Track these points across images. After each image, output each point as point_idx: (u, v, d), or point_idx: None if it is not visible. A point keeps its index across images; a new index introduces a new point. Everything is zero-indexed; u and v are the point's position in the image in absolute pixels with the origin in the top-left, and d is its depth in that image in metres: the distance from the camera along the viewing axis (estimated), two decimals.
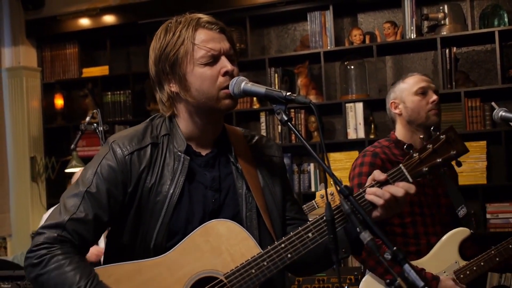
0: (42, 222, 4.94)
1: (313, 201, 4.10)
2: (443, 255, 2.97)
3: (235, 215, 1.95)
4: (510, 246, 2.96)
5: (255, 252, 1.86)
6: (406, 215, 2.99)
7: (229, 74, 1.92)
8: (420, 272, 2.83)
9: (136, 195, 1.91)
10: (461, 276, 2.94)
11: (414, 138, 3.06)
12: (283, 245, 1.85)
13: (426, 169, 1.89)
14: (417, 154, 1.90)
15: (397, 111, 3.10)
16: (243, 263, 1.86)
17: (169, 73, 1.93)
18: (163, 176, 1.92)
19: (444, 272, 2.95)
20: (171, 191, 1.91)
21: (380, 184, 1.85)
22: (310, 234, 1.86)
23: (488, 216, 5.10)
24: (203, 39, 1.92)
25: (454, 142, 1.92)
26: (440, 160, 1.90)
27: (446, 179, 3.05)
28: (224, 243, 1.88)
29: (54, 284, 1.80)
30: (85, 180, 1.91)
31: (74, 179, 4.55)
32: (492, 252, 2.96)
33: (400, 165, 1.89)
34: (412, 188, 1.83)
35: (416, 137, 3.05)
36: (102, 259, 2.02)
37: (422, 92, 3.05)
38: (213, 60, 1.91)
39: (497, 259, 2.95)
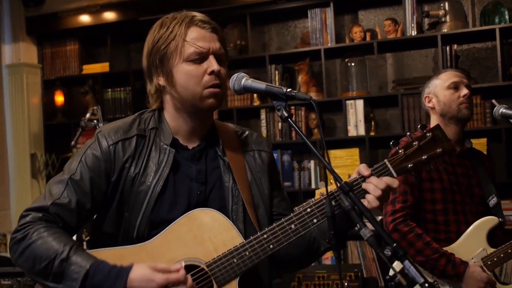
0: None
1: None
2: (472, 242, 3.06)
3: (220, 208, 1.96)
4: None
5: (237, 242, 1.89)
6: (438, 202, 3.10)
7: (215, 74, 1.94)
8: (447, 258, 2.92)
9: (119, 185, 1.94)
10: (489, 263, 3.03)
11: (446, 131, 3.10)
12: (265, 236, 1.87)
13: (411, 165, 1.92)
14: (402, 150, 1.93)
15: (430, 104, 3.25)
16: (225, 252, 1.88)
17: (158, 66, 1.97)
18: (147, 167, 1.96)
19: (472, 258, 3.03)
20: (154, 182, 1.94)
21: (364, 178, 1.87)
22: (292, 226, 1.88)
23: None
24: (194, 36, 1.94)
25: (440, 140, 1.94)
26: (425, 157, 1.92)
27: (480, 170, 3.14)
28: (207, 232, 1.90)
29: (40, 253, 1.84)
30: (70, 168, 1.96)
31: None
32: None
33: (385, 160, 1.92)
34: (395, 183, 1.85)
35: (449, 130, 3.15)
36: None
37: (455, 87, 3.18)
38: (200, 58, 1.94)
39: None
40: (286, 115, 1.79)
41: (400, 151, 1.92)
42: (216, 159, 2.04)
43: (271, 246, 1.87)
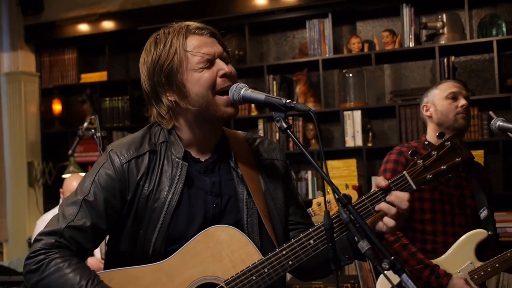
0: (36, 228, 4.88)
1: (309, 208, 4.09)
2: (459, 255, 3.04)
3: (237, 221, 1.94)
4: None
5: (256, 259, 1.85)
6: (427, 212, 3.09)
7: (227, 76, 1.92)
8: (431, 269, 2.91)
9: (134, 203, 1.90)
10: (475, 277, 3.01)
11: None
12: (284, 252, 1.84)
13: (431, 176, 1.87)
14: (421, 161, 1.87)
15: (428, 113, 3.26)
16: (243, 269, 1.85)
17: (166, 84, 1.92)
18: (161, 182, 1.92)
19: (459, 272, 3.02)
20: (169, 198, 1.90)
21: (383, 191, 1.84)
22: (311, 241, 1.84)
23: None
24: (196, 45, 1.92)
25: (459, 149, 1.88)
26: (444, 167, 1.87)
27: (474, 181, 3.13)
28: (225, 249, 1.87)
29: (56, 286, 1.80)
30: (83, 189, 1.91)
31: (65, 186, 4.55)
32: (508, 254, 3.03)
33: (404, 172, 1.87)
34: (404, 204, 1.80)
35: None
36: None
37: (453, 97, 3.20)
38: (209, 64, 1.92)
39: None
40: (285, 126, 1.78)
41: (418, 162, 1.87)
42: (229, 170, 2.00)
43: (290, 263, 1.84)
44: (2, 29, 6.63)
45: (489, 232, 3.09)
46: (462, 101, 3.18)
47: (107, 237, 2.01)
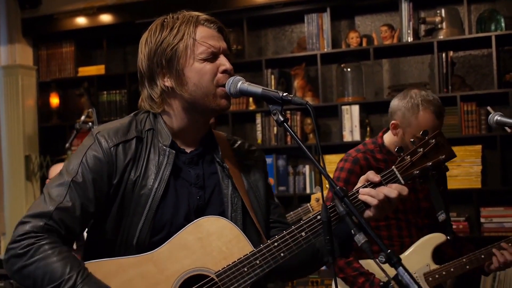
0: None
1: (308, 204, 4.10)
2: (416, 257, 3.06)
3: (220, 214, 1.93)
4: (482, 256, 3.03)
5: (247, 250, 1.85)
6: (381, 219, 3.02)
7: (227, 73, 1.92)
8: (366, 276, 2.95)
9: (120, 188, 1.88)
10: (430, 279, 3.04)
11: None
12: (276, 244, 1.84)
13: (417, 172, 1.93)
14: (408, 157, 1.93)
15: (393, 131, 3.04)
16: (235, 261, 1.84)
17: (165, 67, 1.91)
18: (148, 170, 1.90)
19: (415, 273, 3.03)
20: (156, 186, 1.89)
21: (374, 185, 1.87)
22: (303, 233, 1.86)
23: (482, 220, 5.12)
24: (203, 35, 1.92)
25: (442, 147, 1.95)
26: (430, 163, 1.94)
27: (430, 183, 3.09)
28: (216, 240, 1.86)
29: (42, 274, 1.75)
30: (70, 170, 1.87)
31: (50, 175, 4.52)
32: (464, 260, 3.05)
33: (393, 167, 1.92)
34: (404, 190, 1.85)
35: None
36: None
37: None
38: (212, 56, 1.91)
39: (467, 267, 3.04)
40: (282, 119, 1.77)
41: (406, 157, 1.93)
42: (212, 164, 2.00)
43: (282, 254, 1.84)
44: None
45: (448, 237, 3.07)
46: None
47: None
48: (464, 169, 5.14)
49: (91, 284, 1.76)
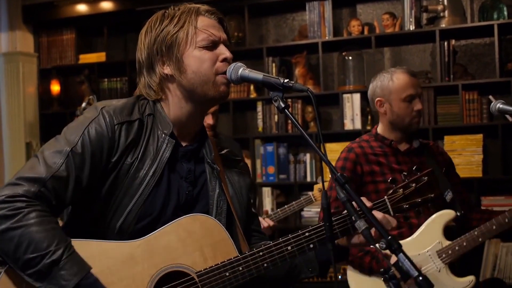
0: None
1: (310, 194, 4.09)
2: (427, 236, 3.08)
3: (204, 214, 1.93)
4: (494, 227, 3.05)
5: (232, 255, 1.85)
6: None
7: (227, 61, 1.92)
8: (371, 255, 3.00)
9: (116, 167, 1.85)
10: (443, 255, 3.05)
11: (393, 135, 3.24)
12: (261, 253, 1.85)
13: (407, 206, 1.99)
14: (401, 190, 1.99)
15: (381, 110, 3.23)
16: (218, 264, 1.83)
17: (165, 54, 1.91)
18: (145, 155, 1.88)
19: (427, 251, 3.05)
20: (151, 172, 1.87)
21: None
22: (289, 247, 1.86)
23: (483, 209, 5.11)
24: (204, 24, 1.93)
25: (432, 186, 2.01)
26: (419, 200, 1.99)
27: (433, 165, 3.14)
28: (202, 239, 1.85)
29: (27, 241, 1.69)
30: (70, 139, 1.83)
31: None
32: (475, 233, 3.06)
33: (385, 197, 1.97)
34: (393, 222, 1.88)
35: (394, 134, 3.23)
36: None
37: (410, 100, 3.16)
38: (212, 45, 1.92)
39: (480, 239, 3.06)
40: (282, 105, 1.76)
41: (399, 190, 1.97)
42: (202, 163, 1.99)
43: (265, 265, 1.84)
44: (0, 9, 6.58)
45: (457, 213, 3.11)
46: (418, 105, 3.16)
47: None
48: (465, 158, 5.14)
49: (75, 262, 1.72)
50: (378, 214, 1.86)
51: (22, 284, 1.74)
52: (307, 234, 1.87)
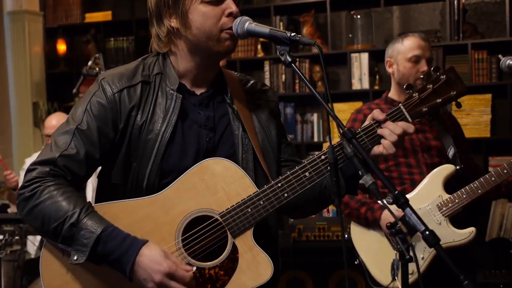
0: (24, 166, 4.88)
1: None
2: (428, 190, 3.12)
3: (230, 156, 1.94)
4: (493, 178, 3.09)
5: (251, 191, 1.86)
6: (390, 159, 3.17)
7: (233, 16, 1.90)
8: (367, 205, 3.09)
9: (126, 133, 1.90)
10: (444, 209, 3.09)
11: (402, 98, 3.21)
12: (279, 184, 1.85)
13: (426, 109, 1.89)
14: (416, 93, 1.89)
15: (390, 70, 3.31)
16: (238, 202, 1.85)
17: (171, 7, 1.90)
18: (155, 114, 1.91)
19: (428, 205, 3.10)
20: (163, 130, 1.90)
21: (379, 123, 1.86)
22: (307, 174, 1.85)
23: (490, 169, 5.08)
24: None
25: (454, 83, 1.89)
26: (440, 100, 1.89)
27: (437, 124, 3.17)
28: (220, 182, 1.87)
29: (49, 213, 1.80)
30: (75, 118, 1.90)
31: (45, 123, 4.55)
32: (474, 185, 3.09)
33: (400, 104, 1.90)
34: (410, 127, 1.83)
35: (403, 96, 3.19)
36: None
37: (416, 60, 3.19)
38: (217, 0, 1.89)
39: (479, 191, 3.08)
40: (289, 60, 1.75)
41: (414, 94, 1.89)
42: (223, 105, 2.00)
43: (285, 195, 1.85)
44: None
45: (457, 167, 3.14)
46: (423, 67, 3.17)
47: (98, 170, 2.01)
48: (474, 118, 5.11)
49: (94, 218, 1.79)
50: (390, 125, 1.83)
51: (60, 254, 1.86)
52: (323, 157, 1.86)
